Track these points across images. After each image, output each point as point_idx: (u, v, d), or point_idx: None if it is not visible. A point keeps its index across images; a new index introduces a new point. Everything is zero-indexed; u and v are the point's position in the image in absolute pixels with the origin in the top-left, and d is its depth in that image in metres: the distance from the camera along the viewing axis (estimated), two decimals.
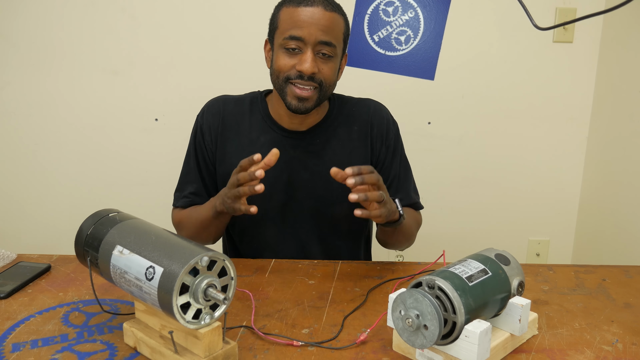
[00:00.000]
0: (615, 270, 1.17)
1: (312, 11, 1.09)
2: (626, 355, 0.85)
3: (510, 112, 2.16)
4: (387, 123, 1.28)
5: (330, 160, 1.22)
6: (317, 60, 1.12)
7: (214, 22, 2.05)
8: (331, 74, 1.15)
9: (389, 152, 1.27)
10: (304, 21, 1.09)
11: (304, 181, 1.23)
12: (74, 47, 2.06)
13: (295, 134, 1.23)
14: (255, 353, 0.84)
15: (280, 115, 1.23)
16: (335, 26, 1.12)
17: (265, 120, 1.24)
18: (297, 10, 1.10)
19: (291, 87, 1.13)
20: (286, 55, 1.12)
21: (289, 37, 1.10)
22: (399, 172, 1.28)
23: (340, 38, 1.15)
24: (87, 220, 0.89)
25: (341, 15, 1.15)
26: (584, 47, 2.09)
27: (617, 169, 2.00)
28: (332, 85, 1.17)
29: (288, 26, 1.10)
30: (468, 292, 0.77)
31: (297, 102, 1.13)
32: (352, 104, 1.28)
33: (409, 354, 0.84)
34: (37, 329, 0.90)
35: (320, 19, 1.09)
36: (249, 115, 1.25)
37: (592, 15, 0.79)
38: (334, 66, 1.15)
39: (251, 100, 1.28)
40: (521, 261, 0.93)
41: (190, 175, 1.27)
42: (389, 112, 1.31)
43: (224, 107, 1.26)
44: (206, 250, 0.75)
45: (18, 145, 2.16)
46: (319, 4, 1.10)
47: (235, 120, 1.25)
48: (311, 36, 1.09)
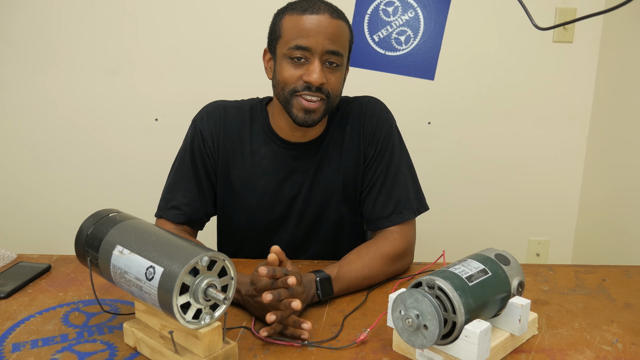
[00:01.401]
0: (615, 270, 1.17)
1: (319, 19, 1.04)
2: (626, 355, 0.85)
3: (510, 112, 2.16)
4: (377, 120, 1.20)
5: (327, 166, 1.19)
6: (325, 70, 1.06)
7: (214, 22, 2.05)
8: (338, 84, 1.10)
9: (375, 152, 1.19)
10: (311, 29, 1.03)
11: (304, 191, 1.20)
12: (74, 47, 2.06)
13: (298, 146, 1.18)
14: (255, 353, 0.84)
15: (281, 127, 1.17)
16: (341, 34, 1.07)
17: (266, 131, 1.19)
18: (303, 18, 1.04)
19: (298, 99, 1.07)
20: (291, 66, 1.07)
21: (295, 47, 1.04)
22: (384, 174, 1.18)
23: (346, 47, 1.10)
24: (87, 220, 0.89)
25: (346, 22, 1.10)
26: (584, 47, 2.09)
27: (617, 168, 2.00)
28: (338, 96, 1.12)
29: (293, 35, 1.05)
30: (468, 292, 0.77)
31: (303, 115, 1.08)
32: (347, 103, 1.23)
33: (409, 354, 0.84)
34: (37, 329, 0.90)
35: (327, 27, 1.04)
36: (250, 124, 1.20)
37: (592, 15, 0.79)
38: (340, 75, 1.10)
39: (251, 109, 1.22)
40: (521, 261, 0.93)
41: (181, 183, 1.19)
42: (383, 109, 1.22)
43: (224, 114, 1.20)
44: (206, 250, 0.75)
45: (18, 145, 2.16)
46: (325, 11, 1.05)
47: (237, 128, 1.20)
48: (318, 45, 1.04)
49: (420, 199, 1.21)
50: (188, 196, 1.18)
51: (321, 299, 1.00)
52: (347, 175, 1.20)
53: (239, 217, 1.23)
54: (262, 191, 1.20)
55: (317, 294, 0.99)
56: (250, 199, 1.21)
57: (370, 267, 1.07)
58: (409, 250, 1.16)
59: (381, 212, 1.17)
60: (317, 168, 1.20)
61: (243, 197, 1.21)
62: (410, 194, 1.18)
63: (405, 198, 1.17)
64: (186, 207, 1.18)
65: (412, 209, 1.17)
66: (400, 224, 1.16)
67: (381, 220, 1.17)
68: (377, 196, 1.18)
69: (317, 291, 0.99)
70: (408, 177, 1.20)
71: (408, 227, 1.17)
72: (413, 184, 1.21)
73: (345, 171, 1.20)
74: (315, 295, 0.99)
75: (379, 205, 1.18)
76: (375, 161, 1.19)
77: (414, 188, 1.20)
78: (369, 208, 1.19)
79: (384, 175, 1.18)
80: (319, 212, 1.22)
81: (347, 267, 1.05)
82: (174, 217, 1.17)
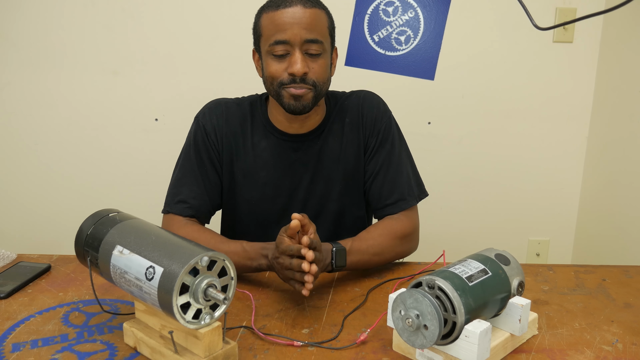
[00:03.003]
0: (615, 270, 1.17)
1: (292, 11, 1.08)
2: (626, 355, 0.85)
3: (510, 112, 2.16)
4: (376, 112, 1.25)
5: (327, 157, 1.23)
6: (307, 60, 1.10)
7: (214, 22, 2.05)
8: (322, 71, 1.13)
9: (377, 142, 1.24)
10: (286, 23, 1.08)
11: (305, 182, 1.23)
12: (74, 47, 2.06)
13: (296, 137, 1.22)
14: (255, 353, 0.84)
15: (279, 120, 1.22)
16: (318, 22, 1.11)
17: (265, 124, 1.23)
18: (277, 14, 1.09)
19: (287, 89, 1.12)
20: (275, 62, 1.11)
21: (275, 43, 1.09)
22: (387, 163, 1.23)
23: (325, 33, 1.13)
24: (87, 220, 0.89)
25: (322, 9, 1.13)
26: (584, 47, 2.09)
27: (617, 169, 2.00)
28: (325, 82, 1.16)
29: (271, 32, 1.10)
30: (468, 292, 0.77)
31: (294, 102, 1.12)
32: (345, 97, 1.27)
33: (409, 354, 0.84)
34: (37, 329, 0.90)
35: (301, 18, 1.08)
36: (250, 119, 1.25)
37: (592, 15, 0.79)
38: (324, 63, 1.13)
39: (251, 104, 1.26)
40: (521, 261, 0.93)
41: (187, 178, 1.21)
42: (381, 102, 1.27)
43: (226, 109, 1.24)
44: (206, 250, 0.75)
45: (18, 145, 2.16)
46: (297, 3, 1.09)
47: (238, 123, 1.24)
48: (296, 37, 1.08)
49: (420, 186, 1.28)
50: (194, 189, 1.21)
51: (334, 269, 1.07)
52: (347, 166, 1.24)
53: (242, 208, 1.26)
54: (264, 182, 1.23)
55: (331, 263, 1.06)
56: (252, 191, 1.24)
57: (381, 244, 1.14)
58: (415, 232, 1.23)
59: (387, 199, 1.22)
60: (317, 159, 1.23)
61: (245, 189, 1.24)
62: (412, 182, 1.25)
63: (407, 186, 1.23)
64: (193, 200, 1.20)
65: (415, 196, 1.24)
66: (405, 209, 1.22)
67: (388, 207, 1.22)
68: (382, 184, 1.23)
69: (332, 260, 1.06)
70: (408, 166, 1.26)
71: (412, 212, 1.24)
72: (413, 172, 1.27)
73: (346, 162, 1.24)
74: (329, 265, 1.06)
75: (384, 193, 1.23)
76: (378, 151, 1.24)
77: (414, 176, 1.27)
78: (375, 196, 1.24)
79: (387, 164, 1.23)
80: (320, 203, 1.25)
81: (359, 243, 1.12)
82: (182, 210, 1.19)
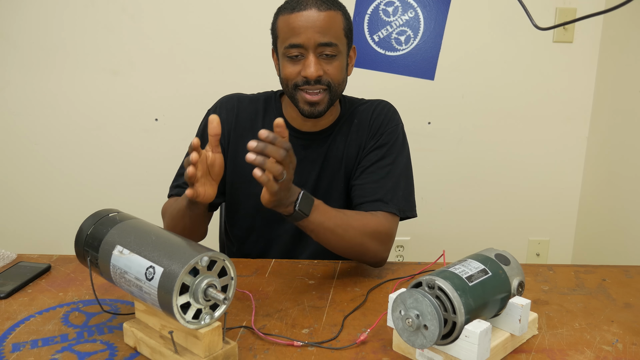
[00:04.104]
0: (615, 270, 1.17)
1: (306, 15, 1.09)
2: (626, 355, 0.85)
3: (510, 112, 2.16)
4: (384, 118, 1.24)
5: (333, 156, 1.23)
6: (321, 62, 1.11)
7: (214, 23, 2.05)
8: (337, 72, 1.14)
9: (375, 143, 1.22)
10: (300, 26, 1.09)
11: (312, 179, 1.24)
12: (74, 46, 2.06)
13: (308, 135, 1.23)
14: (255, 353, 0.84)
15: (293, 117, 1.23)
16: (332, 24, 1.11)
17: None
18: (292, 17, 1.10)
19: (301, 93, 1.13)
20: (290, 64, 1.12)
21: (289, 46, 1.10)
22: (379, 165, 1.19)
23: (340, 34, 1.13)
24: (87, 220, 0.89)
25: (337, 10, 1.13)
26: (584, 47, 2.09)
27: (617, 169, 2.00)
28: (341, 83, 1.16)
29: (286, 35, 1.11)
30: (468, 292, 0.77)
31: (309, 108, 1.13)
32: (361, 103, 1.28)
33: (409, 354, 0.84)
34: (37, 329, 0.90)
35: (315, 21, 1.08)
36: (263, 115, 1.26)
37: (592, 15, 0.79)
38: (339, 64, 1.14)
39: (265, 100, 1.28)
40: (521, 261, 0.93)
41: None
42: (394, 111, 1.27)
43: (238, 105, 1.26)
44: (206, 250, 0.75)
45: (18, 145, 2.16)
46: (312, 6, 1.09)
47: (249, 118, 1.25)
48: (309, 40, 1.09)
49: (409, 203, 1.20)
50: None
51: (295, 212, 0.98)
52: (348, 164, 1.24)
53: (248, 204, 1.26)
54: None
55: (294, 204, 0.97)
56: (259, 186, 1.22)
57: (350, 224, 1.07)
58: (387, 236, 1.13)
59: (367, 197, 1.17)
60: (325, 157, 1.24)
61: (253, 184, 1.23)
62: (400, 193, 1.18)
63: (393, 193, 1.16)
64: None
65: (398, 206, 1.16)
66: (384, 211, 1.14)
67: (365, 204, 1.16)
68: (366, 183, 1.19)
69: (297, 201, 0.97)
70: (401, 178, 1.20)
71: (392, 218, 1.15)
72: (405, 186, 1.20)
73: (347, 160, 1.24)
74: (291, 204, 0.97)
75: (367, 192, 1.17)
76: (372, 152, 1.22)
77: (405, 189, 1.20)
78: (356, 192, 1.20)
79: (379, 166, 1.19)
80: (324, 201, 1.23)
81: (330, 209, 1.05)
82: (179, 194, 1.21)
